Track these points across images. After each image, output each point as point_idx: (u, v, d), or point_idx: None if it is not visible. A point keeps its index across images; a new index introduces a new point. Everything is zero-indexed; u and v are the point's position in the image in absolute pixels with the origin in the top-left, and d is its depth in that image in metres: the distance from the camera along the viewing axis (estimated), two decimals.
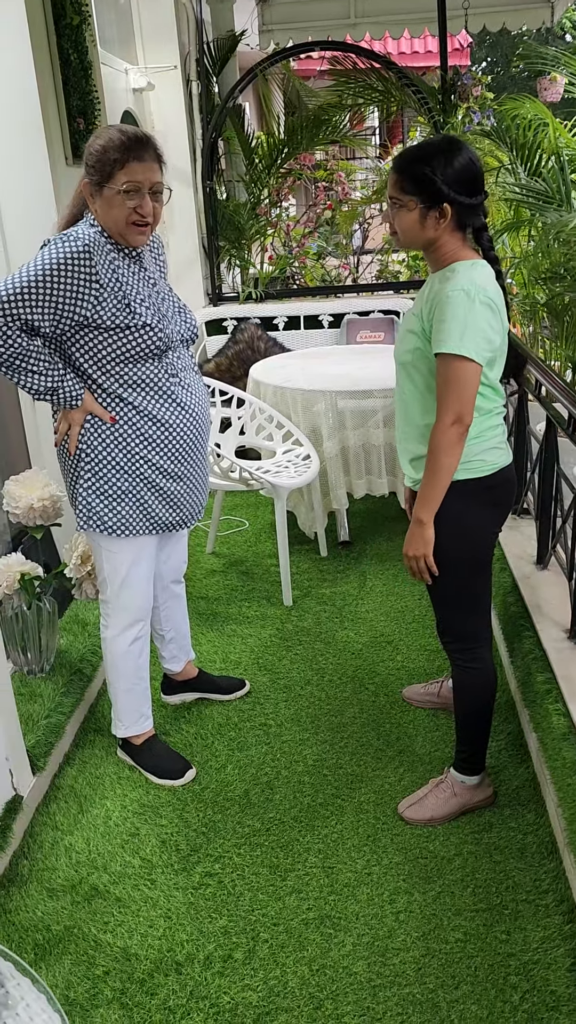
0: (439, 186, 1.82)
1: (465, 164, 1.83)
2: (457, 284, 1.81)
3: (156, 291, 2.13)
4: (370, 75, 5.33)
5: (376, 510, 4.18)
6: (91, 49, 3.35)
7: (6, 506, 2.58)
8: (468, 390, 1.83)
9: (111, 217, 2.01)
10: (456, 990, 1.73)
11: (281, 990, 1.75)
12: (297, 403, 3.63)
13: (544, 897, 1.93)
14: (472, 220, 1.89)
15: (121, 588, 2.26)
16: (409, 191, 1.85)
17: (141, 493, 2.15)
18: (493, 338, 1.85)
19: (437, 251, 1.91)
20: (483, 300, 1.81)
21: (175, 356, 2.15)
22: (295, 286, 5.65)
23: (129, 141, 1.98)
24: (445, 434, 1.85)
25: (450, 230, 1.88)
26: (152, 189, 2.02)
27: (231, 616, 3.27)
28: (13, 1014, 0.90)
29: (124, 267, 2.06)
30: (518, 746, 2.44)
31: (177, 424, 2.14)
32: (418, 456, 2.02)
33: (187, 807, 2.27)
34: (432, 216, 1.85)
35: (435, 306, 1.84)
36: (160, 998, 1.74)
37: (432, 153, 1.84)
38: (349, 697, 2.73)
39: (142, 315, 2.03)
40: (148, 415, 2.11)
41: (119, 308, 2.01)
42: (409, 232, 1.90)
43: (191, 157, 5.00)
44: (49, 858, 2.12)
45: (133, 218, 2.01)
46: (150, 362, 2.09)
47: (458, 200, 1.83)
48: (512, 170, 4.99)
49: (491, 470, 1.97)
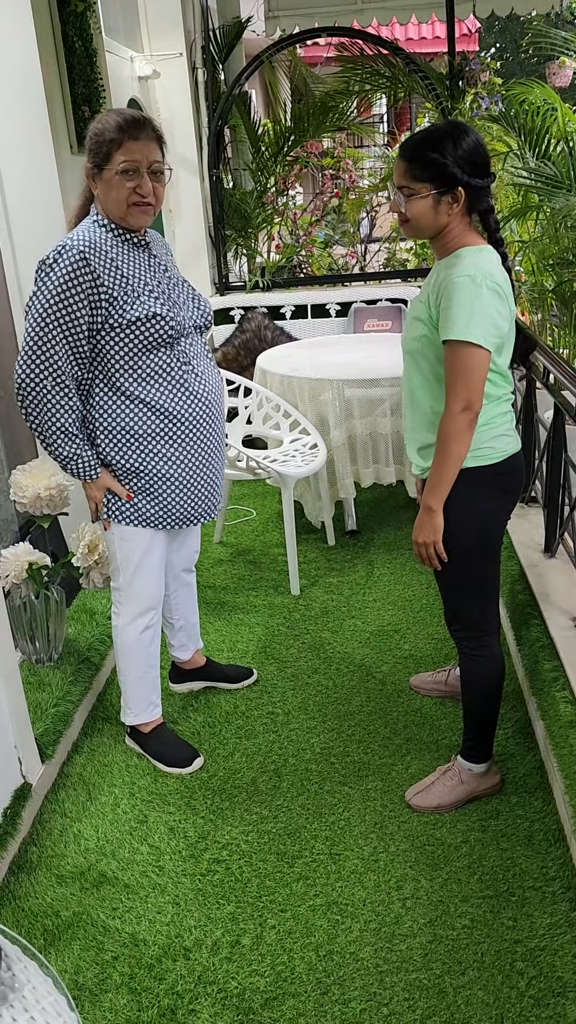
0: (451, 169, 1.80)
1: (473, 146, 1.82)
2: (463, 270, 1.80)
3: (168, 277, 2.13)
4: (377, 61, 5.29)
5: (383, 499, 4.18)
6: (96, 37, 3.34)
7: (13, 496, 2.59)
8: (476, 376, 1.82)
9: (111, 199, 2.01)
10: (463, 976, 1.74)
11: (288, 975, 1.76)
12: (304, 392, 3.62)
13: (551, 884, 1.93)
14: (480, 203, 1.88)
15: (133, 576, 2.26)
16: (420, 178, 1.83)
17: (156, 487, 2.15)
18: (500, 324, 1.83)
19: (445, 237, 1.89)
20: (490, 286, 1.79)
21: (188, 344, 2.14)
22: (302, 275, 5.62)
23: (125, 122, 1.98)
24: (455, 421, 1.84)
25: (460, 215, 1.86)
26: (151, 168, 2.01)
27: (238, 605, 3.27)
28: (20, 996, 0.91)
29: (130, 258, 2.06)
30: (525, 734, 2.44)
31: (190, 416, 2.13)
32: (426, 445, 2.01)
33: (195, 795, 2.28)
34: (445, 201, 1.84)
35: (442, 293, 1.83)
36: (168, 983, 1.75)
37: (440, 137, 1.82)
38: (356, 686, 2.73)
39: (151, 305, 2.03)
40: (161, 411, 2.10)
41: (128, 303, 2.01)
42: (422, 219, 1.87)
43: (197, 145, 4.98)
44: (58, 845, 2.13)
45: (133, 199, 2.01)
46: (162, 351, 2.08)
47: (471, 183, 1.82)
48: (521, 155, 4.95)
49: (500, 457, 1.96)
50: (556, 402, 2.78)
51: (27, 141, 2.85)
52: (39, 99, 2.84)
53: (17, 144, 2.84)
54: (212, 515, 2.28)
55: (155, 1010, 1.69)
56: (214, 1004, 1.71)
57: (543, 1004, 1.67)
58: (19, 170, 2.86)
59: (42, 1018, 0.91)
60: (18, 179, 2.87)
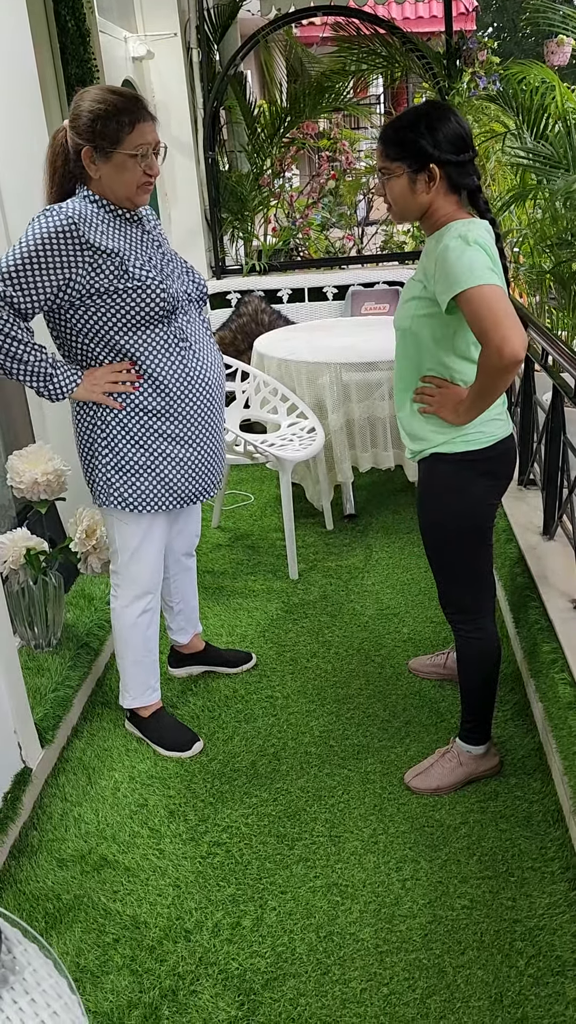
0: (423, 146, 1.79)
1: (448, 122, 1.80)
2: (453, 234, 1.77)
3: (161, 252, 2.11)
4: (374, 41, 5.23)
5: (382, 483, 4.17)
6: (89, 16, 3.30)
7: (10, 481, 2.58)
8: (500, 308, 1.71)
9: (122, 182, 1.98)
10: (462, 955, 1.75)
11: (289, 956, 1.77)
12: (302, 376, 3.61)
13: (550, 864, 1.94)
14: (464, 181, 1.85)
15: (131, 560, 2.26)
16: (394, 157, 1.83)
17: (159, 466, 2.14)
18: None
19: (432, 216, 1.86)
20: (483, 245, 1.76)
21: (185, 320, 2.11)
22: (299, 258, 5.59)
23: (129, 103, 1.95)
24: (493, 358, 1.73)
25: (443, 193, 1.84)
26: (155, 148, 2.00)
27: (237, 590, 3.27)
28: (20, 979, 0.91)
29: (122, 232, 2.03)
30: (524, 715, 2.44)
31: (187, 392, 2.11)
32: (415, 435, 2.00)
33: (195, 778, 2.29)
34: (421, 179, 1.82)
35: (434, 264, 1.80)
36: (169, 964, 1.76)
37: (413, 118, 1.82)
38: (355, 669, 2.74)
39: (141, 277, 2.00)
40: (163, 387, 2.08)
41: (117, 273, 1.98)
42: (401, 200, 1.86)
43: (192, 127, 4.93)
44: (58, 829, 2.14)
45: (143, 180, 1.99)
46: (158, 326, 2.05)
47: (445, 158, 1.80)
48: (518, 135, 4.91)
49: (491, 441, 1.95)
50: (555, 384, 2.77)
51: (20, 122, 2.82)
52: (32, 79, 2.81)
53: (10, 125, 2.81)
54: (212, 493, 2.27)
55: (156, 991, 1.70)
56: (215, 985, 1.72)
57: (542, 983, 1.68)
58: (12, 151, 2.83)
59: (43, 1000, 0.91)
60: (11, 160, 2.84)
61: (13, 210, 2.79)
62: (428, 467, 2.02)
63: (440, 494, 1.97)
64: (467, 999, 1.66)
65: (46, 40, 3.04)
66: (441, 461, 1.97)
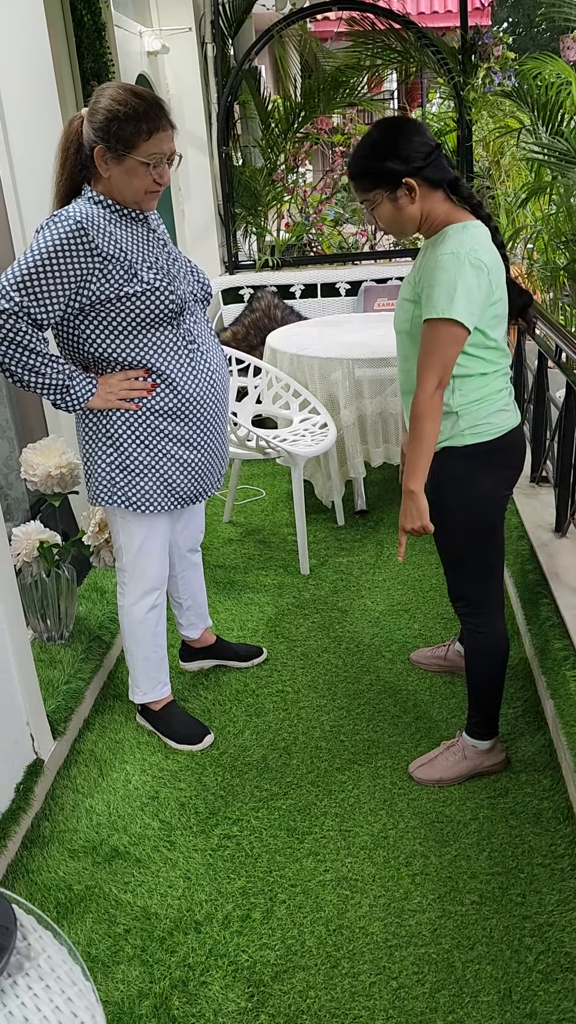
0: (390, 168, 1.82)
1: (405, 134, 1.83)
2: (447, 247, 1.80)
3: (167, 251, 2.11)
4: (389, 36, 5.22)
5: (393, 479, 4.17)
6: (104, 11, 3.31)
7: (24, 474, 2.59)
8: (452, 353, 1.81)
9: (131, 187, 1.97)
10: (471, 951, 1.75)
11: (299, 949, 1.78)
12: (314, 371, 3.61)
13: (560, 861, 1.94)
14: (440, 176, 1.86)
15: (137, 557, 2.26)
16: (369, 188, 1.87)
17: (163, 467, 2.13)
18: (485, 299, 1.81)
19: (428, 221, 1.89)
20: (473, 262, 1.77)
21: (192, 321, 2.12)
22: (312, 253, 5.58)
23: (150, 108, 1.92)
24: (430, 400, 1.83)
25: (428, 197, 1.86)
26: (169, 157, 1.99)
27: (248, 585, 3.28)
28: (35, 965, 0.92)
29: (128, 233, 2.02)
30: (535, 713, 2.44)
31: (196, 394, 2.11)
32: None
33: (205, 771, 2.30)
34: (402, 196, 1.85)
35: (424, 273, 1.83)
36: (180, 956, 1.77)
37: (369, 146, 1.86)
38: (366, 664, 2.74)
39: (149, 281, 1.99)
40: (173, 385, 2.08)
41: (125, 278, 1.97)
42: (393, 222, 1.90)
43: (206, 122, 4.94)
44: (70, 820, 2.15)
45: (152, 187, 1.98)
46: (167, 328, 2.05)
47: (413, 167, 1.82)
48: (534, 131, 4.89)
49: (498, 433, 1.95)
50: (568, 381, 2.76)
51: (36, 116, 2.83)
52: (48, 73, 2.82)
53: (27, 119, 2.82)
54: (213, 492, 2.28)
55: (167, 982, 1.72)
56: (225, 976, 1.73)
57: (551, 979, 1.68)
58: (28, 145, 2.84)
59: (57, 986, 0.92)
60: (27, 155, 2.85)
61: (29, 203, 2.80)
62: (437, 461, 2.02)
63: (450, 487, 1.97)
64: (476, 994, 1.66)
65: (62, 34, 3.05)
66: (450, 454, 1.97)
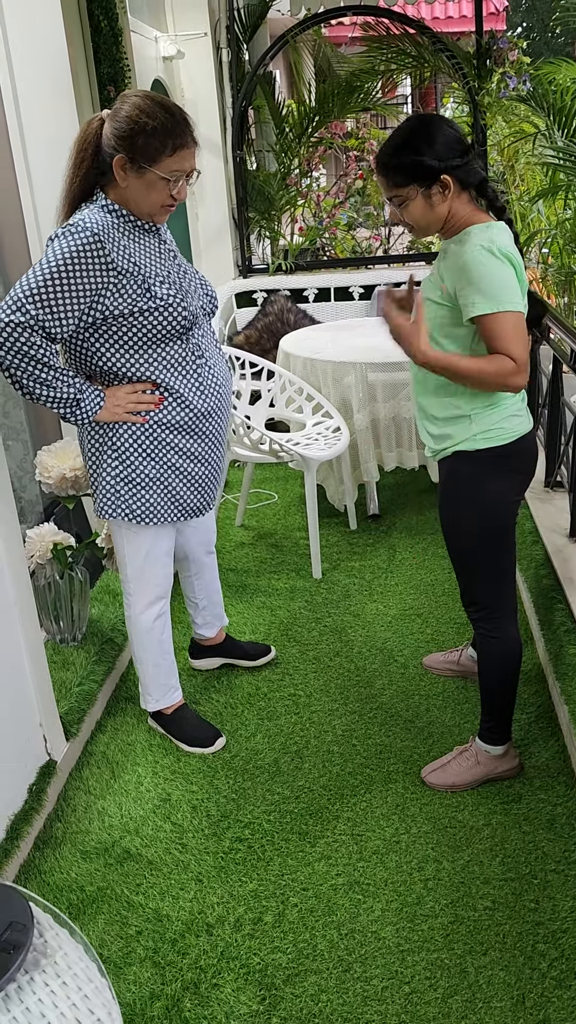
0: (428, 163, 1.81)
1: (442, 130, 1.82)
2: (475, 243, 1.80)
3: (177, 264, 2.10)
4: (403, 40, 5.22)
5: (406, 483, 4.16)
6: (121, 16, 3.32)
7: (38, 476, 2.60)
8: (520, 335, 1.80)
9: (147, 200, 1.96)
10: (484, 956, 1.74)
11: (310, 952, 1.78)
12: (327, 375, 3.61)
13: (573, 868, 1.93)
14: (470, 178, 1.86)
15: (143, 566, 2.26)
16: (403, 183, 1.85)
17: (168, 479, 2.13)
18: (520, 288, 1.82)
19: (450, 221, 1.89)
20: (502, 256, 1.79)
21: (200, 335, 2.11)
22: (325, 257, 5.59)
23: (178, 125, 1.91)
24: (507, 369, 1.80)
25: (456, 197, 1.86)
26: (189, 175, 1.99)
27: (260, 588, 3.28)
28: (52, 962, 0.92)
29: (141, 244, 2.00)
30: (548, 718, 2.43)
31: (205, 408, 2.11)
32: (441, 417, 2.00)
33: (217, 774, 2.30)
34: (436, 193, 1.84)
35: (458, 271, 1.82)
36: (191, 958, 1.77)
37: (406, 138, 1.84)
38: (378, 669, 2.74)
39: (163, 297, 1.98)
40: (178, 398, 2.08)
41: (139, 293, 1.95)
42: (422, 219, 1.88)
43: (221, 126, 4.95)
44: (82, 821, 2.16)
45: (168, 202, 1.98)
46: (176, 342, 2.05)
47: (451, 166, 1.82)
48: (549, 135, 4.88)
49: (511, 438, 1.94)
50: None
51: (53, 121, 2.84)
52: (65, 79, 2.84)
53: (44, 124, 2.84)
54: (213, 505, 2.27)
55: (178, 984, 1.72)
56: (236, 979, 1.72)
57: (564, 985, 1.67)
58: (45, 151, 2.86)
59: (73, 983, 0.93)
60: (44, 160, 2.87)
61: (46, 208, 2.82)
62: (449, 465, 2.02)
63: (462, 491, 1.96)
64: (489, 1000, 1.66)
65: (79, 39, 3.06)
66: (462, 459, 1.97)
